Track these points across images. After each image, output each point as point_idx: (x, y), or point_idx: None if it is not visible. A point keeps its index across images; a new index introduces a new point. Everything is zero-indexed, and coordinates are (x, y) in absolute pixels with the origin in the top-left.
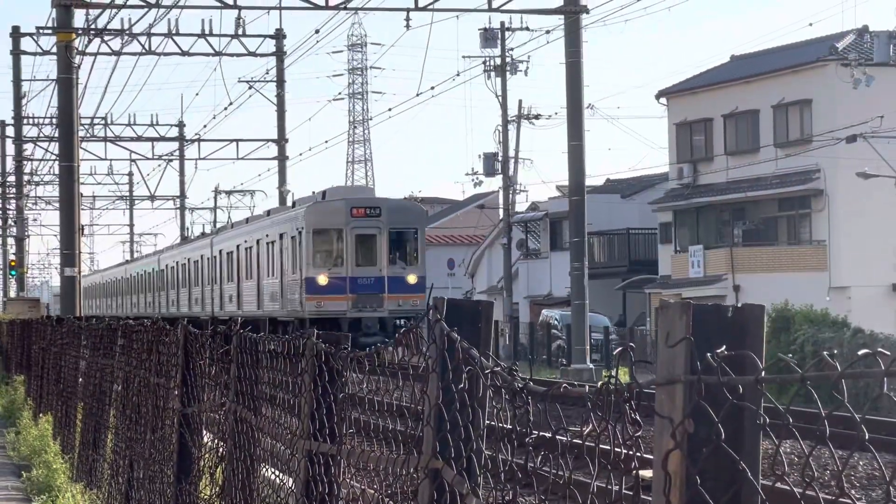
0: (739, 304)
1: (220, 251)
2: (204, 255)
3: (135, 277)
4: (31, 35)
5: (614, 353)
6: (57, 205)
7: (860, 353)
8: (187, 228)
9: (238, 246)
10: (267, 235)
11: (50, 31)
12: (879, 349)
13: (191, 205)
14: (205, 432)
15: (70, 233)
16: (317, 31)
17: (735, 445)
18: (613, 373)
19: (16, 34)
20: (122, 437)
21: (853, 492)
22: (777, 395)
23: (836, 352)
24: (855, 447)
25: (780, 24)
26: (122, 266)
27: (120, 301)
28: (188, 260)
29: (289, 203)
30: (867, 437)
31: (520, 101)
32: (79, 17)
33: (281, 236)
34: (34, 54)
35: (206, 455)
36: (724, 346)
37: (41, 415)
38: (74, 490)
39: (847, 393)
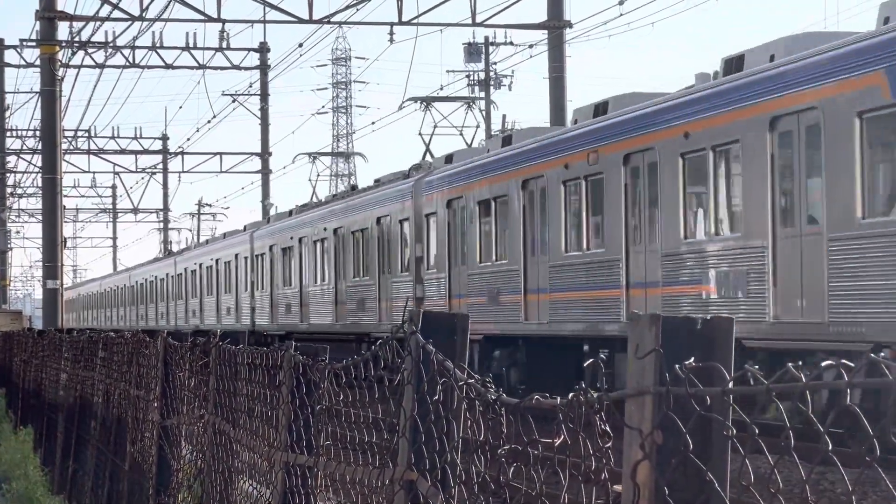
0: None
1: (451, 210)
2: (394, 217)
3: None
4: (14, 47)
5: (585, 364)
6: (40, 217)
7: (823, 363)
8: (170, 242)
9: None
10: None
11: (34, 44)
12: (843, 360)
13: (174, 218)
14: (184, 444)
15: (53, 245)
16: (300, 45)
17: (703, 457)
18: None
19: None
20: (103, 449)
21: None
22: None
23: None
24: (817, 460)
25: (764, 38)
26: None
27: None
28: (357, 231)
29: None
30: (830, 448)
31: (503, 116)
32: (62, 30)
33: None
34: (18, 66)
35: (185, 467)
36: (692, 358)
37: (21, 427)
38: (54, 502)
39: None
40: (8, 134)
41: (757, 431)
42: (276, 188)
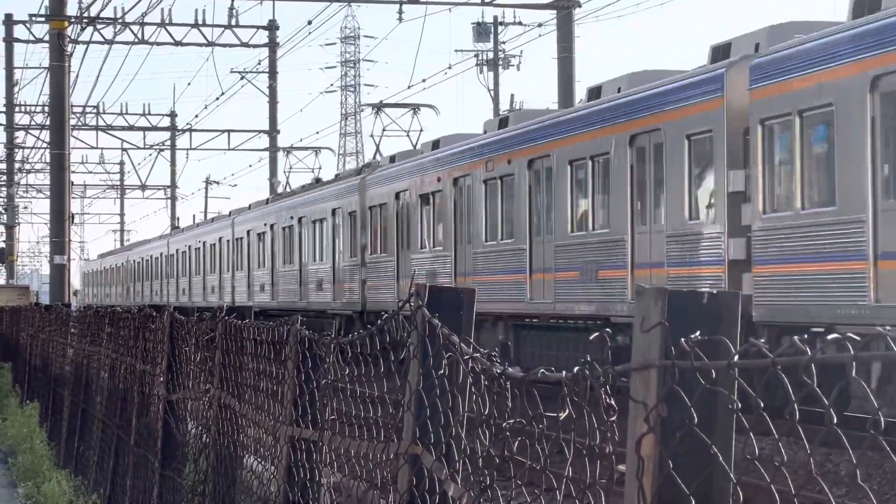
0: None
1: None
2: None
3: None
4: (23, 22)
5: (591, 338)
6: (47, 193)
7: (830, 337)
8: (178, 219)
9: None
10: None
11: (43, 19)
12: (849, 334)
13: (182, 195)
14: (189, 419)
15: (60, 221)
16: (309, 23)
17: (708, 430)
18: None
19: (8, 21)
20: (108, 423)
21: (834, 489)
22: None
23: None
24: (823, 433)
25: (774, 19)
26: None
27: None
28: None
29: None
30: (836, 421)
31: (511, 96)
32: (72, 6)
33: None
34: (27, 42)
35: (191, 441)
36: (698, 332)
37: (28, 402)
38: (59, 476)
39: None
40: (17, 109)
41: (762, 404)
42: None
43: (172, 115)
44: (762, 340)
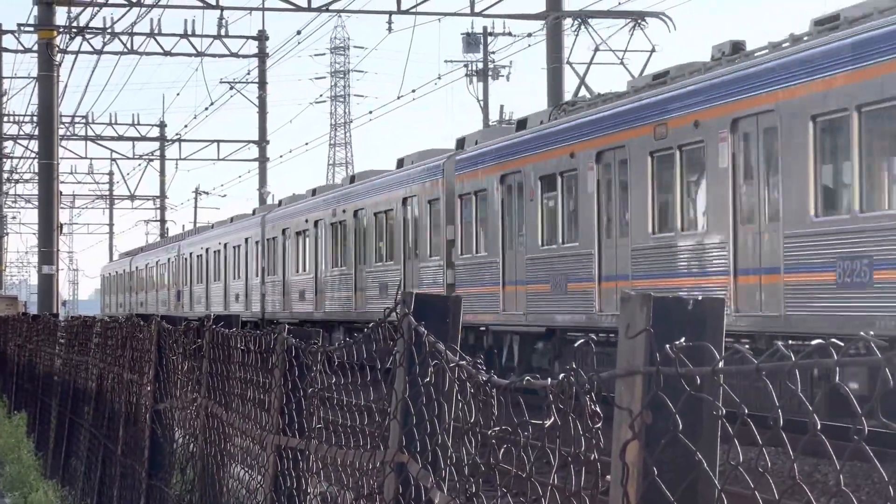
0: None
1: None
2: None
3: None
4: (12, 32)
5: (575, 345)
6: (36, 203)
7: (814, 342)
8: (167, 229)
9: None
10: None
11: (31, 29)
12: (833, 339)
13: (171, 205)
14: (177, 428)
15: (49, 231)
16: (298, 33)
17: (692, 437)
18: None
19: None
20: (96, 433)
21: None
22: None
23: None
24: (808, 436)
25: (766, 34)
26: None
27: None
28: None
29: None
30: (819, 426)
31: (501, 107)
32: (60, 15)
33: None
34: (15, 52)
35: (178, 450)
36: (682, 339)
37: (16, 412)
38: (46, 487)
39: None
40: (5, 119)
41: (746, 411)
42: (273, 177)
43: (162, 125)
44: None
